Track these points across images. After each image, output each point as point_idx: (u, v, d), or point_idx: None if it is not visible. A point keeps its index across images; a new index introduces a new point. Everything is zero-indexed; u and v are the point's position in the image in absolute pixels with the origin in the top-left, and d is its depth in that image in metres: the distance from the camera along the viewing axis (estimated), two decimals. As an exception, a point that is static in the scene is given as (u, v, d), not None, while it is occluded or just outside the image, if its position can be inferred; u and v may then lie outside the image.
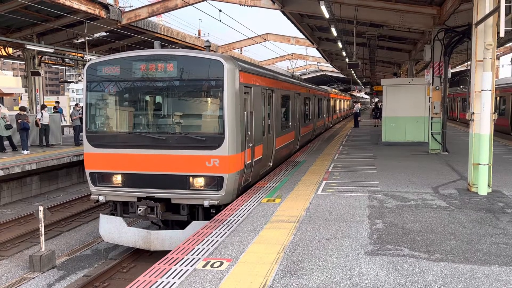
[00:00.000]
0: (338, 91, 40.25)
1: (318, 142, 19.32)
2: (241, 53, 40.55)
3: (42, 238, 8.33)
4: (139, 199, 8.36)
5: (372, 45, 22.31)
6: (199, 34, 37.51)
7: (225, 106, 7.97)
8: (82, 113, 12.44)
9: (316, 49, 30.12)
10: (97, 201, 8.67)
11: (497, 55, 30.78)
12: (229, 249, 5.50)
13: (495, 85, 8.79)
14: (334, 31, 15.76)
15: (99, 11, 17.97)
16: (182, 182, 8.10)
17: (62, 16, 18.69)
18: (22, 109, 17.66)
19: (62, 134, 21.84)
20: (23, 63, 23.81)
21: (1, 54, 23.05)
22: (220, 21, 19.62)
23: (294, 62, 44.54)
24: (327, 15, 13.09)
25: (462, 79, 40.16)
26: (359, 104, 38.42)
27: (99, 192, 8.64)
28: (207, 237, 6.02)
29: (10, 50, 23.97)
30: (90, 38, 22.16)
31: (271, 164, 11.43)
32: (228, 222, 6.72)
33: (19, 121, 16.60)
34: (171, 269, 4.93)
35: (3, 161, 14.47)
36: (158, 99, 8.87)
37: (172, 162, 8.13)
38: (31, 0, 15.93)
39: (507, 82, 25.13)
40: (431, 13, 14.14)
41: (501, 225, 6.36)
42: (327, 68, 48.40)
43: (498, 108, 24.16)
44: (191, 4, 18.95)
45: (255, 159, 9.52)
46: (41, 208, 8.26)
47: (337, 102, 35.45)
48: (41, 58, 23.50)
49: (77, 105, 20.89)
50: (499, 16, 7.01)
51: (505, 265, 4.89)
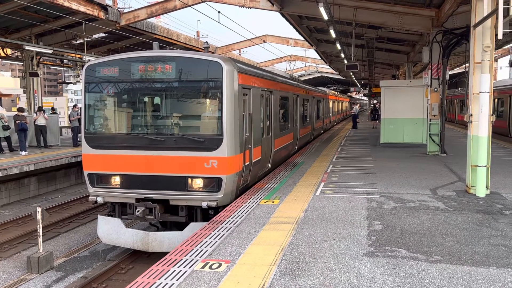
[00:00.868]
0: (336, 93, 40.28)
1: (316, 143, 19.33)
2: (239, 54, 40.60)
3: (40, 239, 8.30)
4: (138, 200, 8.33)
5: (370, 46, 22.34)
6: (197, 36, 37.58)
7: (224, 108, 7.95)
8: (81, 114, 12.43)
9: (315, 50, 30.17)
10: (95, 202, 8.65)
11: (495, 57, 30.89)
12: (227, 251, 5.50)
13: (493, 87, 8.82)
14: (332, 33, 15.78)
15: (97, 12, 17.97)
16: (180, 184, 8.08)
17: (61, 17, 18.68)
18: (20, 110, 17.64)
19: (61, 135, 21.81)
20: (22, 64, 23.80)
21: (-1, 55, 23.03)
22: (219, 22, 19.63)
23: (293, 63, 44.59)
24: (325, 17, 13.11)
25: (461, 81, 40.23)
26: (358, 105, 38.46)
27: (97, 193, 8.61)
28: (205, 238, 6.01)
29: (9, 51, 23.97)
30: (89, 39, 22.15)
31: (269, 166, 11.40)
32: (227, 223, 6.72)
33: (17, 122, 16.58)
34: (169, 270, 4.92)
35: (1, 162, 14.44)
36: (157, 100, 8.83)
37: (171, 163, 8.10)
38: (30, 0, 15.92)
39: (505, 84, 25.17)
40: (429, 15, 14.17)
41: (499, 227, 6.37)
42: (326, 69, 48.45)
43: (496, 110, 24.21)
44: (190, 5, 18.97)
45: (253, 161, 9.50)
46: (39, 209, 8.23)
47: (336, 103, 35.45)
48: (39, 59, 23.49)
49: (75, 106, 20.87)
50: (497, 18, 7.03)
51: (503, 266, 4.89)
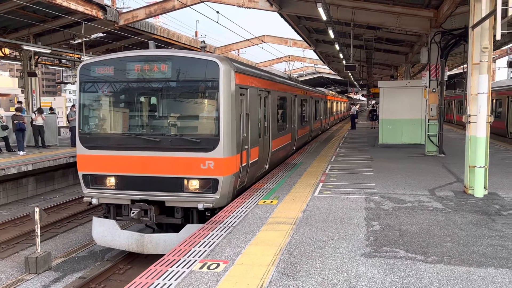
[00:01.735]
0: (335, 93, 40.28)
1: (315, 144, 19.33)
2: (238, 54, 40.60)
3: (38, 240, 8.29)
4: (133, 201, 8.23)
5: (369, 47, 22.36)
6: (196, 36, 37.56)
7: (221, 108, 7.85)
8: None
9: (313, 51, 30.18)
10: (90, 203, 8.55)
11: (493, 57, 30.96)
12: (225, 251, 5.49)
13: (492, 87, 8.83)
14: (331, 33, 15.79)
15: (96, 12, 17.95)
16: (176, 185, 7.99)
17: (59, 17, 18.65)
18: (18, 109, 17.60)
19: (59, 135, 21.77)
20: (20, 63, 23.75)
21: (-3, 54, 22.98)
22: (217, 22, 19.62)
23: (292, 64, 44.60)
24: (324, 17, 13.12)
25: (459, 82, 40.28)
26: (357, 106, 38.54)
27: (92, 194, 8.50)
28: (203, 238, 6.00)
29: (7, 51, 23.93)
30: (87, 39, 22.13)
31: (267, 167, 11.33)
32: (225, 223, 6.71)
33: (15, 122, 16.54)
34: (167, 270, 4.91)
35: (-1, 162, 14.40)
36: (153, 100, 8.73)
37: (166, 164, 8.01)
38: (28, 0, 15.90)
39: (503, 85, 25.23)
40: (428, 16, 14.19)
41: (497, 227, 6.38)
42: (324, 70, 48.50)
43: (494, 111, 24.26)
44: (189, 6, 18.97)
45: (251, 161, 9.40)
46: (37, 209, 8.22)
47: (334, 104, 35.41)
48: (37, 59, 23.45)
49: (73, 106, 20.84)
50: (495, 19, 7.04)
51: (501, 267, 4.90)
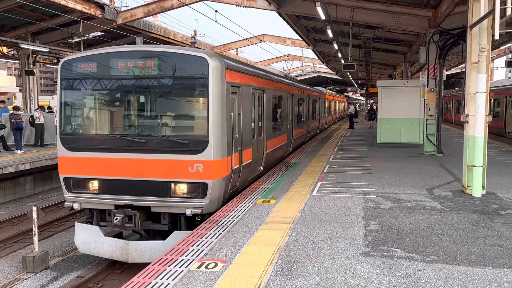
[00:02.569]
0: (333, 92, 40.17)
1: (313, 143, 19.33)
2: (237, 53, 40.57)
3: (36, 239, 8.27)
4: (117, 207, 7.82)
5: (367, 46, 22.36)
6: (195, 35, 37.47)
7: (210, 107, 7.46)
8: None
9: (312, 50, 30.19)
10: (72, 208, 8.15)
11: (491, 57, 31.00)
12: (223, 250, 5.49)
13: (490, 87, 8.84)
14: (330, 33, 15.79)
15: (94, 11, 17.91)
16: (163, 189, 7.59)
17: (57, 15, 18.61)
18: (16, 108, 17.55)
19: (56, 134, 21.70)
20: (18, 62, 23.70)
21: (-5, 53, 22.92)
22: (216, 21, 19.61)
23: (290, 63, 44.64)
24: (323, 17, 13.11)
25: (457, 81, 40.40)
26: (356, 105, 38.52)
27: (73, 199, 8.06)
28: (201, 238, 6.00)
29: (5, 49, 23.84)
30: (85, 38, 22.08)
31: (261, 169, 10.93)
32: (223, 223, 6.70)
33: (12, 120, 16.49)
34: (165, 270, 4.90)
35: (-3, 160, 14.36)
36: (138, 98, 8.30)
37: (152, 167, 7.61)
38: (26, -1, 15.84)
39: (501, 84, 25.28)
40: (426, 16, 14.20)
41: (495, 227, 6.39)
42: (323, 69, 48.51)
43: (492, 111, 24.31)
44: (187, 4, 18.94)
45: (243, 164, 8.98)
46: (34, 209, 8.20)
47: (332, 103, 35.22)
48: (35, 57, 23.38)
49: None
50: (494, 19, 7.04)
51: (499, 266, 4.90)
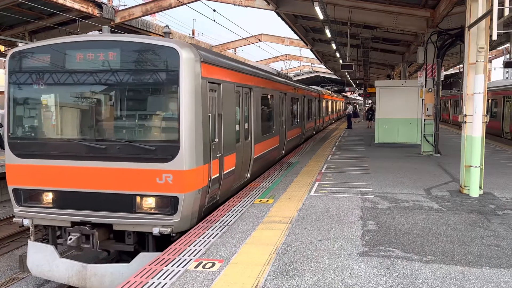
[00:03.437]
0: (331, 92, 40.05)
1: (311, 143, 19.33)
2: (235, 53, 40.54)
3: (33, 238, 8.23)
4: (73, 223, 6.75)
5: (366, 46, 22.37)
6: (193, 34, 37.49)
7: (182, 107, 6.41)
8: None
9: (310, 50, 30.18)
10: (22, 225, 7.05)
11: (489, 58, 31.07)
12: (221, 250, 5.48)
13: (487, 88, 8.85)
14: (328, 33, 15.78)
15: (92, 10, 17.86)
16: (126, 204, 6.58)
17: (55, 14, 18.53)
18: None
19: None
20: (15, 61, 23.58)
21: (-8, 51, 22.84)
22: (214, 21, 19.58)
23: (288, 63, 44.62)
24: (321, 17, 13.10)
25: (455, 82, 40.46)
26: (356, 105, 38.42)
27: (24, 214, 6.98)
28: (199, 237, 5.98)
29: (2, 48, 23.76)
30: (83, 37, 21.99)
31: (248, 176, 9.99)
32: (220, 222, 6.69)
33: None
34: (162, 269, 4.89)
35: (-6, 159, 14.31)
36: (98, 96, 7.02)
37: (114, 178, 6.57)
38: (24, -3, 15.78)
39: (499, 85, 25.34)
40: (424, 16, 14.21)
41: (492, 227, 6.40)
42: (321, 69, 48.55)
43: (490, 111, 24.37)
44: (185, 4, 18.90)
45: (225, 172, 8.00)
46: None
47: (329, 103, 34.95)
48: (33, 56, 23.29)
49: None
50: (491, 19, 7.05)
51: (496, 266, 4.91)
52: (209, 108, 7.16)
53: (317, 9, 12.32)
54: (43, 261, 6.97)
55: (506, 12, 7.13)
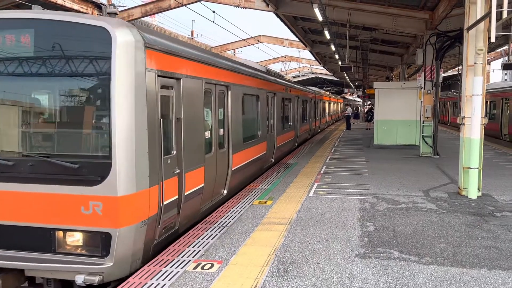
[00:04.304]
0: (328, 93, 39.61)
1: (310, 144, 19.34)
2: (234, 54, 40.56)
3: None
4: None
5: (364, 48, 22.44)
6: (192, 35, 37.52)
7: (115, 107, 4.73)
8: None
9: (309, 51, 30.21)
10: None
11: (488, 60, 31.14)
12: (220, 251, 5.48)
13: (486, 89, 8.88)
14: (327, 34, 15.81)
15: (91, 11, 17.87)
16: (43, 241, 4.90)
17: (54, 15, 18.54)
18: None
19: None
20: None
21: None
22: (213, 22, 19.61)
23: (287, 64, 44.68)
24: (320, 18, 13.13)
25: (454, 83, 40.51)
26: (358, 106, 38.23)
27: None
28: (197, 238, 5.99)
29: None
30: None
31: (225, 192, 8.40)
32: (219, 223, 6.70)
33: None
34: (161, 270, 4.89)
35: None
36: (4, 94, 5.22)
37: (26, 205, 4.91)
38: (23, -2, 15.78)
39: (497, 87, 25.39)
40: (423, 18, 14.25)
41: (490, 229, 6.41)
42: (320, 70, 48.58)
43: (488, 113, 24.42)
44: (185, 5, 18.92)
45: (187, 192, 6.30)
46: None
47: (327, 104, 33.97)
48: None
49: None
50: (490, 21, 7.08)
51: (494, 268, 4.92)
52: (158, 110, 5.42)
53: (316, 11, 12.35)
54: None
55: (505, 15, 7.16)
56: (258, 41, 32.61)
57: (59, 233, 4.92)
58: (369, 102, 44.91)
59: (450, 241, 5.87)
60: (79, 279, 4.70)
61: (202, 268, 4.95)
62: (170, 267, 4.98)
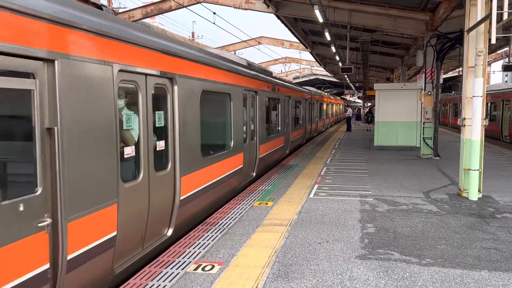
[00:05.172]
0: (327, 94, 38.69)
1: (310, 146, 19.34)
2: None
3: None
4: None
5: (365, 49, 22.45)
6: (193, 36, 37.52)
7: None
8: None
9: (310, 53, 30.22)
10: None
11: (488, 61, 31.13)
12: (220, 252, 5.49)
13: (486, 91, 8.89)
14: (327, 36, 15.82)
15: (92, 12, 17.87)
16: None
17: (55, 16, 18.56)
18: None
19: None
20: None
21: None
22: (214, 23, 19.62)
23: (288, 65, 44.71)
24: (321, 20, 13.14)
25: (454, 85, 40.51)
26: (359, 107, 37.96)
27: None
28: (198, 240, 5.99)
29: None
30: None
31: (169, 233, 5.98)
32: (220, 225, 6.70)
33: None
34: (162, 272, 4.90)
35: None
36: None
37: None
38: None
39: (498, 88, 25.40)
40: (423, 19, 14.26)
41: (491, 230, 6.41)
42: (321, 72, 48.60)
43: (489, 114, 24.42)
44: (185, 6, 18.94)
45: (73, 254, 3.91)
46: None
47: (325, 106, 32.28)
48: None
49: None
50: (490, 23, 7.09)
51: (495, 270, 4.92)
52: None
53: (317, 12, 12.36)
54: None
55: (505, 16, 7.17)
56: (259, 42, 32.63)
57: None
58: (369, 103, 44.92)
59: (450, 242, 5.87)
60: None
61: (203, 269, 4.95)
62: (171, 269, 4.98)
